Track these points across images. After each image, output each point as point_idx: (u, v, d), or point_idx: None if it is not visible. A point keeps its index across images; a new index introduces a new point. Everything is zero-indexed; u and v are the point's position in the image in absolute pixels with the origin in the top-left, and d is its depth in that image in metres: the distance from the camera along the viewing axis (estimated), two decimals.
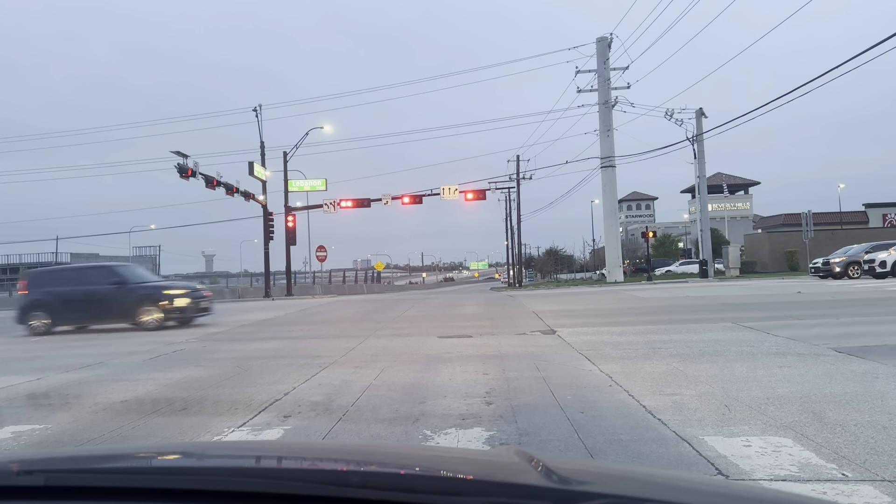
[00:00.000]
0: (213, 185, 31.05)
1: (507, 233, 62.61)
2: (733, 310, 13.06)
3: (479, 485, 1.10)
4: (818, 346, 7.42)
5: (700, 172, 37.07)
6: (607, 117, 35.49)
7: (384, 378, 6.60)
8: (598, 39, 35.39)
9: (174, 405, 5.73)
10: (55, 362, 9.19)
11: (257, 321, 16.07)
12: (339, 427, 4.62)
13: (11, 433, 4.86)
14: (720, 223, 60.38)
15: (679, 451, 3.70)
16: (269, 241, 36.09)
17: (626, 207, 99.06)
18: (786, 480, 3.14)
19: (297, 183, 37.84)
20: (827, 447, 3.63)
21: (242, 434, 4.53)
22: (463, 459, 1.47)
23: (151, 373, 7.75)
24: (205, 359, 8.91)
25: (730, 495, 1.16)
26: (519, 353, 8.12)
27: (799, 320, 10.43)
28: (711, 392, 5.24)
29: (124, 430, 4.82)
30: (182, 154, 29.20)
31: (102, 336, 13.84)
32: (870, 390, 5.04)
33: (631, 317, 12.76)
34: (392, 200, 36.37)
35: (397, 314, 16.30)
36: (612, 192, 36.68)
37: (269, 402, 5.56)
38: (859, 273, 26.56)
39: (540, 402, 5.11)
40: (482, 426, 4.45)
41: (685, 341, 8.47)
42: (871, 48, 16.67)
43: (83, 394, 6.47)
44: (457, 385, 6.03)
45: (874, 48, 16.52)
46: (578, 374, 6.44)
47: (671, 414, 4.55)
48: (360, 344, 9.80)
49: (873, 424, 4.05)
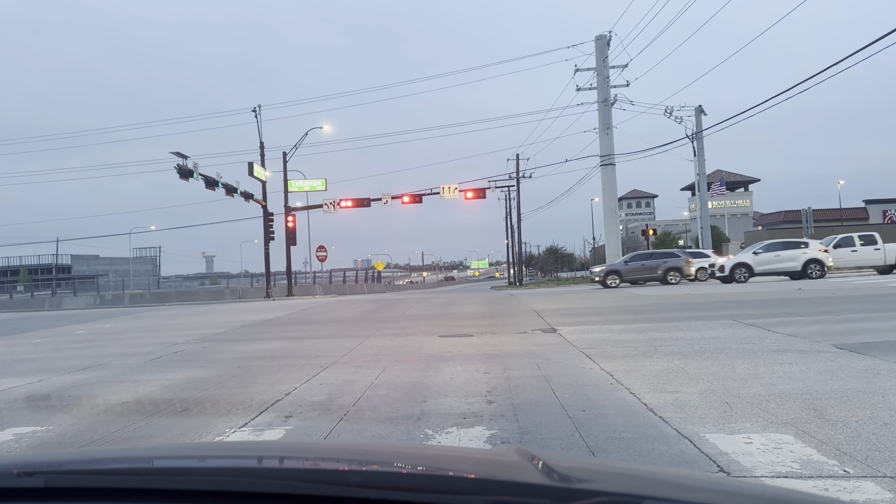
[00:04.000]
0: (213, 186, 31.06)
1: (507, 231, 62.60)
2: (734, 307, 13.06)
3: (479, 483, 1.10)
4: (819, 343, 7.42)
5: (700, 170, 37.06)
6: (607, 115, 35.48)
7: (385, 378, 6.61)
8: (596, 37, 35.37)
9: (176, 406, 5.74)
10: (56, 364, 9.19)
11: (258, 321, 16.07)
12: (341, 427, 4.62)
13: (13, 435, 4.86)
14: (720, 220, 60.34)
15: (680, 448, 3.70)
16: (269, 241, 36.10)
17: (627, 205, 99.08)
18: (787, 477, 3.14)
19: (297, 183, 37.84)
20: (828, 444, 3.63)
21: (244, 434, 4.53)
22: (463, 458, 1.47)
23: (152, 374, 7.75)
24: (206, 359, 8.91)
25: (730, 492, 1.16)
26: (520, 351, 8.11)
27: (799, 317, 10.42)
28: (713, 389, 5.24)
29: (126, 431, 4.82)
30: (182, 155, 29.20)
31: (104, 337, 13.84)
32: (871, 387, 5.04)
33: (631, 315, 12.76)
34: (392, 200, 36.37)
35: (398, 314, 16.30)
36: (612, 190, 36.67)
37: (270, 403, 5.56)
38: (706, 276, 27.37)
39: (541, 401, 5.12)
40: (483, 425, 4.45)
41: (686, 339, 8.47)
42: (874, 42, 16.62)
43: (84, 395, 6.47)
44: (458, 384, 6.03)
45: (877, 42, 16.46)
46: (579, 372, 6.44)
47: (672, 411, 4.55)
48: (361, 344, 9.80)
49: (875, 421, 4.05)
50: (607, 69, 35.22)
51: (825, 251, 24.51)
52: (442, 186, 36.18)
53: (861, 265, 25.55)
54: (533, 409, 4.83)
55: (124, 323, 18.56)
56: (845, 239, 25.94)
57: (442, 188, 36.18)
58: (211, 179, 31.00)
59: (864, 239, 25.64)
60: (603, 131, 35.59)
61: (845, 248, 25.41)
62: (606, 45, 35.19)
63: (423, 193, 36.48)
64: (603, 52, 35.15)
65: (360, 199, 37.44)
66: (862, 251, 25.26)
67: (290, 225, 36.43)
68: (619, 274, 27.16)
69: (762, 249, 25.38)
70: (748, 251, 26.12)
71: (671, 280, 26.70)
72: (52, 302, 40.33)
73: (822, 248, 24.67)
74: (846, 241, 25.75)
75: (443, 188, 36.18)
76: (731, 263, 25.20)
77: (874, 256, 25.20)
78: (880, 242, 25.35)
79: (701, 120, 36.46)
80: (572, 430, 4.20)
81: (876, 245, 25.26)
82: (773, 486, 2.31)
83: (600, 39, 35.33)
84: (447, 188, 36.21)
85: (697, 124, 36.35)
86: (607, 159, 35.55)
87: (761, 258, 24.73)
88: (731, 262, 25.36)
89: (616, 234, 37.16)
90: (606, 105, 35.45)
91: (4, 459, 1.38)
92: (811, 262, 24.00)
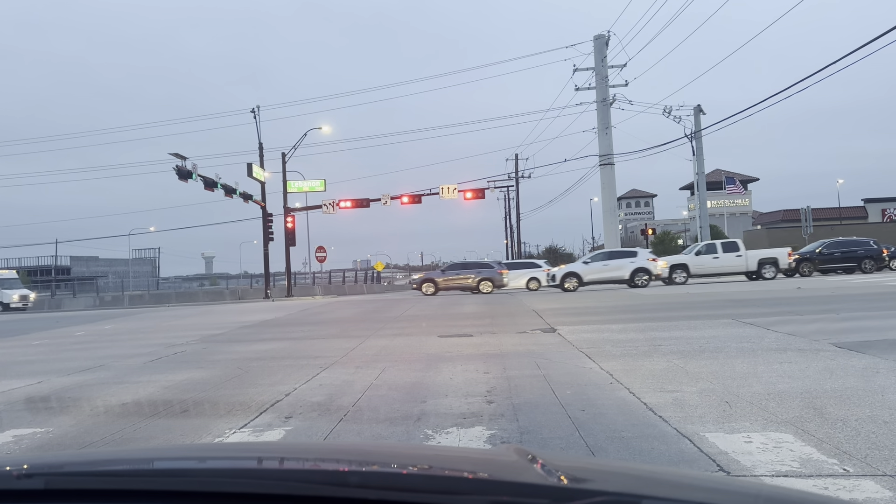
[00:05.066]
0: (212, 187, 31.05)
1: (506, 231, 62.61)
2: (733, 306, 13.06)
3: (478, 483, 1.10)
4: (818, 342, 7.42)
5: (699, 169, 37.07)
6: (605, 115, 35.47)
7: (385, 378, 6.60)
8: (595, 37, 35.37)
9: (175, 407, 5.74)
10: (56, 365, 9.19)
11: (258, 322, 16.06)
12: (341, 427, 4.62)
13: (13, 437, 4.86)
14: (719, 220, 60.30)
15: (680, 447, 3.71)
16: (268, 242, 36.08)
17: (626, 205, 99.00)
18: (787, 476, 3.14)
19: (296, 184, 37.81)
20: (828, 442, 3.63)
21: (244, 435, 4.53)
22: (463, 458, 1.47)
23: (152, 375, 7.75)
24: (205, 360, 8.91)
25: (729, 491, 1.16)
26: (519, 351, 8.12)
27: (799, 316, 10.43)
28: (712, 388, 5.25)
29: (126, 432, 4.82)
30: (180, 156, 29.17)
31: (104, 338, 13.83)
32: (870, 385, 5.04)
33: (631, 314, 12.76)
34: (391, 200, 36.33)
35: (397, 314, 16.30)
36: (611, 190, 36.66)
37: (270, 404, 5.56)
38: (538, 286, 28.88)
39: (541, 401, 5.12)
40: (483, 425, 4.45)
41: (685, 338, 8.47)
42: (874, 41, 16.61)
43: (84, 397, 6.47)
44: (458, 384, 6.03)
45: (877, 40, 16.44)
46: (579, 371, 6.44)
47: (672, 411, 4.55)
48: (361, 344, 9.80)
49: (874, 419, 4.06)
50: (606, 69, 35.22)
51: (653, 260, 25.64)
52: (441, 187, 36.15)
53: (724, 272, 26.26)
54: (533, 409, 4.83)
55: (124, 324, 18.55)
56: (708, 246, 27.02)
57: (441, 188, 36.15)
58: (210, 180, 30.98)
59: (727, 246, 26.63)
60: (602, 131, 35.59)
61: (707, 256, 26.34)
62: (605, 44, 35.20)
63: (422, 194, 36.46)
64: (601, 52, 35.15)
65: (359, 200, 37.42)
66: (724, 258, 26.10)
67: (289, 225, 36.41)
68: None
69: (591, 259, 26.61)
70: (580, 260, 27.42)
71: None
72: (51, 303, 40.34)
73: (651, 258, 25.84)
74: (709, 249, 26.78)
75: (442, 188, 36.15)
76: (561, 273, 26.09)
77: (736, 263, 25.92)
78: (742, 249, 26.28)
79: (700, 119, 36.47)
80: (572, 429, 4.20)
81: (738, 252, 26.12)
82: (771, 484, 2.32)
83: (599, 39, 35.34)
84: (446, 188, 36.19)
85: (696, 124, 36.37)
86: (606, 159, 35.54)
87: (590, 267, 25.61)
88: (561, 272, 26.24)
89: (615, 233, 37.15)
90: (605, 105, 35.44)
91: (4, 461, 1.38)
92: (638, 271, 24.89)
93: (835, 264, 26.55)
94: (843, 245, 27.48)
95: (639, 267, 24.90)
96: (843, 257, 26.66)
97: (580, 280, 25.16)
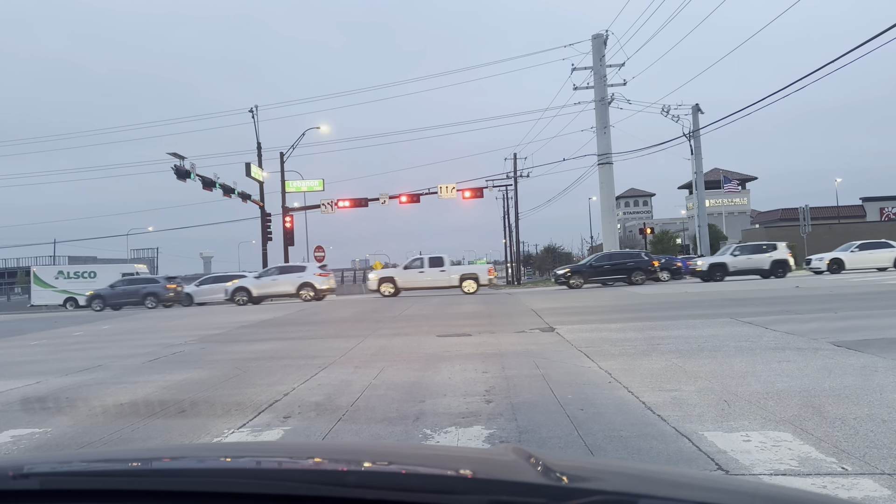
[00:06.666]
0: (211, 187, 31.02)
1: (505, 231, 62.57)
2: (732, 305, 13.08)
3: (476, 483, 1.10)
4: (817, 341, 7.43)
5: (697, 168, 37.11)
6: (604, 114, 35.48)
7: (384, 377, 6.60)
8: (593, 36, 35.38)
9: (173, 407, 5.73)
10: (54, 365, 9.18)
11: (256, 322, 16.05)
12: (339, 427, 4.62)
13: (11, 437, 4.85)
14: (718, 219, 60.35)
15: (679, 446, 3.71)
16: (266, 241, 36.05)
17: (624, 204, 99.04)
18: (786, 475, 3.14)
19: (295, 183, 37.80)
20: (826, 441, 3.64)
21: (242, 435, 4.53)
22: (461, 458, 1.47)
23: (151, 375, 7.74)
24: (204, 360, 8.90)
25: (726, 490, 1.16)
26: (518, 350, 8.12)
27: (797, 315, 10.44)
28: (711, 387, 5.25)
29: (124, 432, 4.81)
30: (179, 156, 29.15)
31: (102, 339, 13.82)
32: (869, 384, 5.05)
33: (629, 313, 12.77)
34: (389, 200, 36.32)
35: (396, 313, 16.29)
36: (610, 189, 36.68)
37: (268, 403, 5.55)
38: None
39: (539, 400, 5.12)
40: (482, 424, 4.45)
41: (684, 337, 8.48)
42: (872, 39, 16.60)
43: (82, 397, 6.46)
44: (456, 383, 6.03)
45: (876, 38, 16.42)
46: (578, 371, 6.44)
47: (671, 410, 4.55)
48: (359, 344, 9.79)
49: (872, 418, 4.06)
50: (604, 68, 35.23)
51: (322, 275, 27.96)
52: (440, 186, 36.14)
53: (429, 286, 27.88)
54: (531, 409, 4.83)
55: (122, 324, 18.54)
56: (415, 261, 28.87)
57: (440, 188, 36.15)
58: (208, 180, 30.96)
59: (433, 261, 28.44)
60: (600, 130, 35.60)
61: (413, 270, 27.91)
62: (603, 44, 35.20)
63: (420, 193, 36.45)
64: (600, 51, 35.16)
65: (357, 199, 37.41)
66: (429, 272, 27.71)
67: (287, 225, 36.38)
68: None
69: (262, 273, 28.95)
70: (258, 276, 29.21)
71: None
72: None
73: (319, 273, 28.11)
74: (415, 264, 28.51)
75: (440, 188, 36.15)
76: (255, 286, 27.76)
77: (440, 277, 27.66)
78: (447, 265, 28.06)
79: (698, 118, 36.51)
80: (571, 429, 4.20)
81: (442, 267, 27.85)
82: (770, 483, 2.32)
83: (597, 38, 35.34)
84: (445, 188, 36.18)
85: (694, 123, 36.40)
86: (605, 158, 35.56)
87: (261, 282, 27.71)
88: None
89: (614, 232, 37.18)
90: (603, 104, 35.45)
91: (1, 461, 1.38)
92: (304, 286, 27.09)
93: (605, 276, 27.60)
94: (614, 258, 28.87)
95: (305, 282, 27.03)
96: (612, 269, 27.76)
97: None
